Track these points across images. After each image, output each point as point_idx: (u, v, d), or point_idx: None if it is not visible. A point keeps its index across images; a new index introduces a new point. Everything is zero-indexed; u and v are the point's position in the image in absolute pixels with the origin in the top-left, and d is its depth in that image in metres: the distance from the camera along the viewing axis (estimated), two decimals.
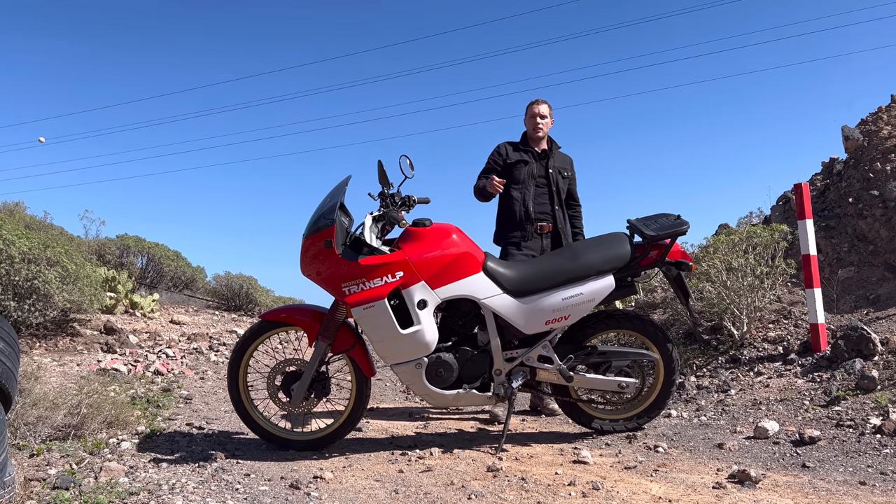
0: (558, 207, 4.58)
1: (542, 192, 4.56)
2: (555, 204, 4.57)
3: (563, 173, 4.65)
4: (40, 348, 6.24)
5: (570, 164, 4.76)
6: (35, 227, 9.77)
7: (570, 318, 3.51)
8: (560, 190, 4.60)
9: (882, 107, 6.21)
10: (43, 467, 2.97)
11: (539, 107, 4.60)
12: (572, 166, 4.76)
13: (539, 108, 4.59)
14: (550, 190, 4.57)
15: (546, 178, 4.57)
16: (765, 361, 4.69)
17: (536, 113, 4.58)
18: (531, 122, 4.60)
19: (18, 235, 6.44)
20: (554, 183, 4.58)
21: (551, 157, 4.62)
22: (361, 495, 2.75)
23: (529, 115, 4.62)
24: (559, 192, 4.59)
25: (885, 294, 5.01)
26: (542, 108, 4.60)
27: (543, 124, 4.58)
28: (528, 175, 4.54)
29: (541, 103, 4.62)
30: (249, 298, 11.40)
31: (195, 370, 6.17)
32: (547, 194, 4.57)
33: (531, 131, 4.61)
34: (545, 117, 4.59)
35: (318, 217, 3.41)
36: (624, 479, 2.94)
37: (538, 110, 4.58)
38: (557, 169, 4.61)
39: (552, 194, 4.57)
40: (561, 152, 4.72)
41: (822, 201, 6.17)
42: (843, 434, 3.43)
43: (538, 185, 4.56)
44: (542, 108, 4.59)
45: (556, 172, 4.60)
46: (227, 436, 3.82)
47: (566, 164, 4.72)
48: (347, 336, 3.49)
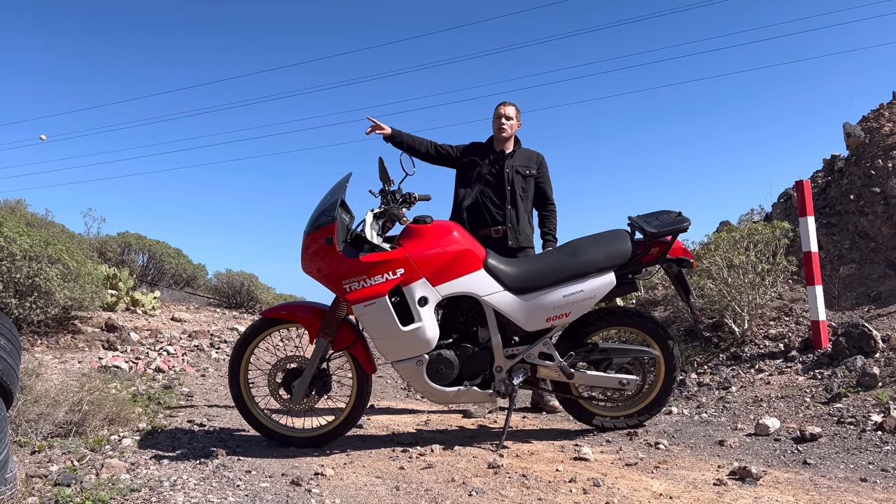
0: (511, 207, 4.45)
1: (495, 193, 4.46)
2: (507, 204, 4.45)
3: (525, 171, 4.52)
4: (41, 346, 6.25)
5: (538, 161, 4.62)
6: (36, 224, 9.77)
7: (570, 315, 3.51)
8: (516, 189, 4.48)
9: (884, 103, 6.20)
10: (44, 464, 2.97)
11: (505, 108, 4.53)
12: (541, 164, 4.62)
13: (505, 110, 4.52)
14: (503, 190, 4.46)
15: (499, 177, 4.47)
16: (766, 358, 4.69)
17: (502, 114, 4.50)
18: (496, 124, 4.52)
19: (20, 233, 6.45)
20: (509, 182, 4.46)
21: (510, 157, 4.52)
22: (362, 492, 2.75)
23: (495, 117, 4.53)
24: (514, 190, 4.47)
25: (887, 291, 5.01)
26: (509, 109, 4.53)
27: (508, 125, 4.49)
28: (476, 177, 4.48)
29: (507, 105, 4.55)
30: (250, 296, 11.40)
31: (196, 367, 6.17)
32: (500, 194, 4.46)
33: (496, 132, 4.52)
34: (511, 118, 4.50)
35: (318, 214, 3.40)
36: (625, 475, 2.94)
37: (504, 111, 4.51)
38: (516, 168, 4.50)
39: (504, 194, 4.45)
40: (526, 150, 4.61)
41: (824, 198, 6.16)
42: (845, 431, 3.43)
43: (489, 185, 4.47)
44: (508, 110, 4.52)
45: (514, 171, 4.49)
46: (228, 433, 3.83)
47: (530, 161, 4.59)
48: (348, 333, 3.49)
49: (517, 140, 4.61)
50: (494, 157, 4.52)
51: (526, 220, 4.54)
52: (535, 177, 4.58)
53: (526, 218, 4.54)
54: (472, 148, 4.60)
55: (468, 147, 4.61)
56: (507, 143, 4.55)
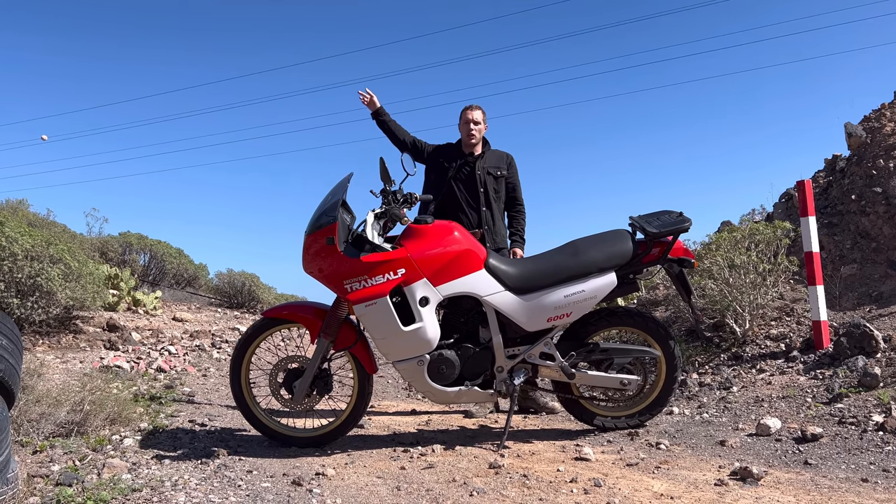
0: (485, 209, 4.45)
1: (467, 194, 4.46)
2: (482, 206, 4.45)
3: (496, 172, 4.52)
4: (43, 345, 6.26)
5: (508, 161, 4.62)
6: (38, 224, 9.78)
7: (572, 316, 3.51)
8: (489, 190, 4.48)
9: (885, 104, 6.20)
10: (46, 464, 2.98)
11: (473, 113, 4.50)
12: (510, 164, 4.63)
13: (473, 115, 4.49)
14: (476, 191, 4.46)
15: (471, 179, 4.47)
16: (767, 359, 4.69)
17: (470, 119, 4.48)
18: (465, 129, 4.50)
19: (21, 233, 6.46)
20: (482, 184, 4.46)
21: (480, 159, 4.51)
22: (363, 492, 2.76)
23: (463, 122, 4.51)
24: (487, 192, 4.47)
25: (888, 291, 5.00)
26: (476, 113, 4.50)
27: (477, 130, 4.48)
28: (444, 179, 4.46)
29: (475, 109, 4.52)
30: (252, 296, 11.41)
31: (197, 367, 6.18)
32: (472, 196, 4.46)
33: (465, 137, 4.51)
34: (479, 123, 4.48)
35: (319, 214, 3.41)
36: (626, 476, 2.94)
37: (471, 116, 4.48)
38: (487, 169, 4.50)
39: (478, 195, 4.46)
40: (496, 151, 4.61)
41: (825, 198, 6.15)
42: (846, 431, 3.42)
43: (460, 187, 4.46)
44: (475, 115, 4.49)
45: (485, 173, 4.48)
46: (229, 432, 3.83)
47: (501, 161, 4.59)
48: (349, 333, 3.49)
49: (486, 141, 4.60)
50: (464, 160, 4.52)
51: (501, 221, 4.57)
52: (506, 177, 4.59)
53: (500, 218, 4.57)
54: (442, 150, 4.60)
55: (438, 148, 4.61)
56: (476, 146, 4.55)
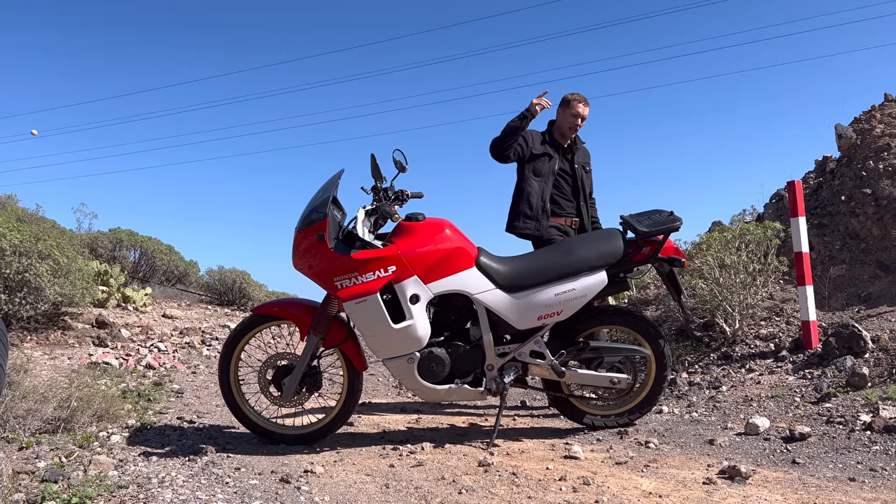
0: (583, 203, 4.48)
1: (567, 188, 4.46)
2: (580, 200, 4.48)
3: (586, 167, 4.57)
4: (31, 341, 6.21)
5: (590, 158, 4.68)
6: (27, 220, 9.71)
7: (562, 314, 3.51)
8: (584, 185, 4.51)
9: (875, 105, 6.23)
10: (32, 460, 2.95)
11: (584, 108, 4.41)
12: (591, 161, 4.68)
13: (584, 111, 4.41)
14: (576, 185, 4.47)
15: (572, 174, 4.47)
16: (756, 358, 4.70)
17: (579, 114, 4.39)
18: (570, 121, 4.41)
19: (10, 228, 6.41)
20: (579, 178, 4.48)
21: (576, 152, 4.51)
22: (352, 489, 2.75)
23: (571, 114, 4.40)
24: (584, 187, 4.50)
25: (877, 292, 5.03)
26: (587, 110, 4.42)
27: (580, 125, 4.44)
28: (549, 170, 4.40)
29: (586, 105, 4.43)
30: (242, 293, 11.36)
31: (187, 364, 6.14)
32: (571, 190, 4.48)
33: (566, 129, 4.44)
34: (584, 119, 4.43)
35: (310, 211, 3.39)
36: (615, 474, 2.94)
37: (581, 111, 4.40)
38: (581, 164, 4.52)
39: (577, 190, 4.48)
40: (584, 147, 4.63)
41: (816, 199, 6.18)
42: (834, 431, 3.44)
43: (562, 181, 4.44)
44: (586, 111, 4.42)
45: (581, 168, 4.51)
46: (218, 430, 3.81)
47: (587, 157, 4.64)
48: (339, 330, 3.47)
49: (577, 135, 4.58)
50: (563, 152, 4.49)
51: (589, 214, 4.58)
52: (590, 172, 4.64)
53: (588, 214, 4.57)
54: (539, 140, 4.45)
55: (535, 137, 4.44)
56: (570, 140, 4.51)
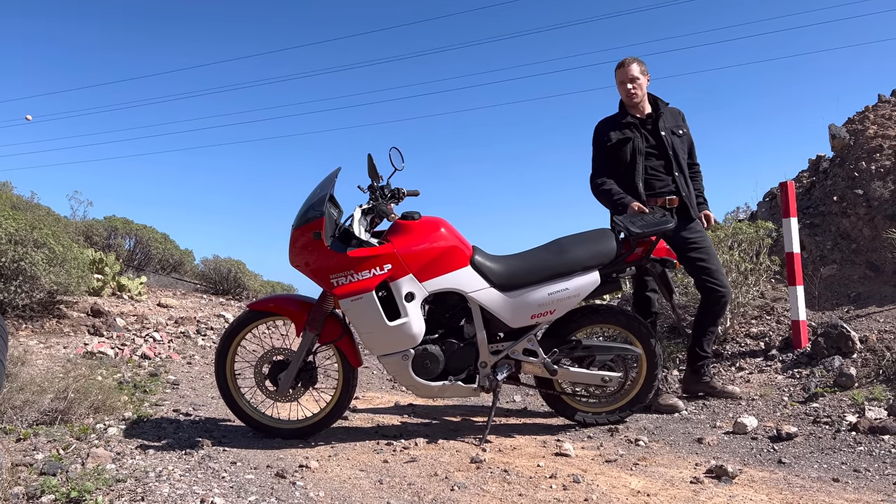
0: (678, 174, 4.03)
1: (658, 164, 4.04)
2: (674, 171, 4.03)
3: (678, 132, 4.11)
4: (26, 330, 6.23)
5: (683, 118, 4.22)
6: (22, 207, 9.70)
7: (555, 313, 3.56)
8: (677, 153, 4.05)
9: (869, 106, 6.27)
10: (30, 452, 2.99)
11: (627, 70, 4.01)
12: (685, 120, 4.22)
13: (628, 72, 4.00)
14: (667, 156, 4.03)
15: (659, 145, 4.04)
16: (746, 357, 4.77)
17: (625, 79, 4.02)
18: (623, 90, 4.06)
19: (5, 216, 6.42)
20: (670, 147, 4.03)
21: (661, 118, 4.07)
22: (346, 485, 2.79)
23: (619, 82, 4.06)
24: (676, 155, 4.04)
25: (866, 292, 5.09)
26: (632, 69, 4.00)
27: (637, 87, 4.02)
28: (633, 152, 4.01)
29: (628, 64, 4.02)
30: (237, 282, 11.39)
31: (182, 354, 6.18)
32: (663, 164, 4.04)
33: (626, 99, 4.08)
34: (637, 79, 4.01)
35: (307, 208, 3.42)
36: (604, 472, 3.00)
37: (627, 75, 4.01)
38: (670, 129, 4.07)
39: (669, 161, 4.03)
40: (670, 108, 4.16)
41: (808, 198, 6.23)
42: (820, 431, 3.50)
43: (651, 157, 4.03)
44: (631, 71, 4.00)
45: (670, 133, 4.05)
46: (213, 422, 3.85)
47: (678, 119, 4.18)
48: (335, 327, 3.52)
49: (654, 97, 4.12)
50: (641, 124, 4.06)
51: (691, 186, 4.15)
52: (687, 136, 4.20)
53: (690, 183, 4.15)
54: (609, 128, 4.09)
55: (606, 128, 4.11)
56: (645, 105, 4.10)
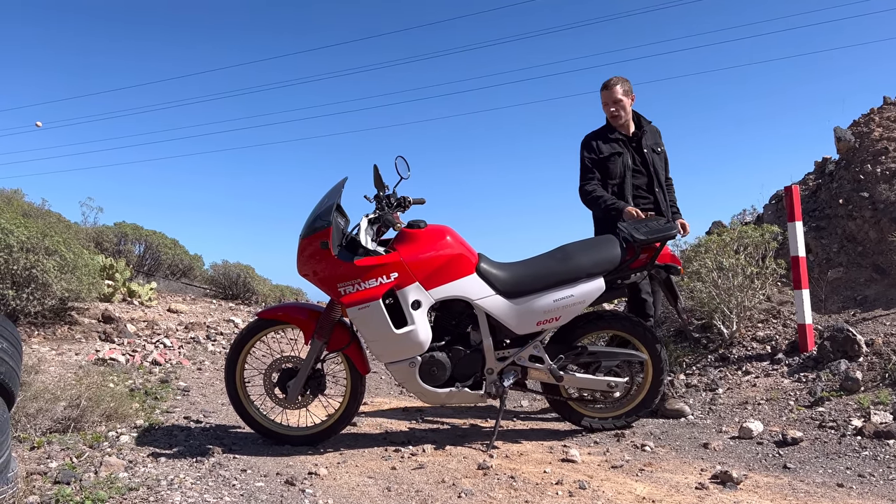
0: (658, 190, 4.24)
1: (641, 181, 4.24)
2: (654, 187, 4.23)
3: (657, 149, 4.32)
4: (38, 337, 6.31)
5: (660, 135, 4.42)
6: (33, 214, 9.80)
7: (560, 319, 3.59)
8: (657, 171, 4.25)
9: (874, 108, 6.27)
10: (44, 460, 3.04)
11: (611, 92, 4.17)
12: (661, 137, 4.42)
13: (612, 94, 4.16)
14: (649, 173, 4.22)
15: (643, 163, 4.23)
16: (753, 360, 4.78)
17: (608, 101, 4.19)
18: (607, 111, 4.24)
19: (17, 224, 6.50)
20: (651, 164, 4.23)
21: (644, 136, 4.25)
22: (355, 492, 2.83)
23: (603, 103, 4.24)
24: (657, 172, 4.25)
25: (873, 295, 5.09)
26: (615, 91, 4.16)
27: (620, 108, 4.18)
28: (623, 167, 4.18)
29: (612, 86, 4.17)
30: (247, 287, 11.46)
31: (192, 360, 6.24)
32: (646, 181, 4.24)
33: (611, 119, 4.25)
34: (620, 101, 4.16)
35: (314, 218, 3.47)
36: (610, 478, 3.02)
37: (610, 97, 4.18)
38: (651, 147, 4.27)
39: (651, 178, 4.23)
40: (650, 125, 4.36)
41: (814, 201, 6.23)
42: (825, 435, 3.52)
43: (636, 175, 4.22)
44: (615, 93, 4.16)
45: (651, 151, 4.25)
46: (224, 429, 3.90)
47: (657, 137, 4.38)
48: (343, 335, 3.56)
49: (638, 115, 4.31)
50: (627, 141, 4.24)
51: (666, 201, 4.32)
52: (662, 153, 4.39)
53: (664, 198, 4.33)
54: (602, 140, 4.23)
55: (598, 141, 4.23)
56: (630, 124, 4.27)
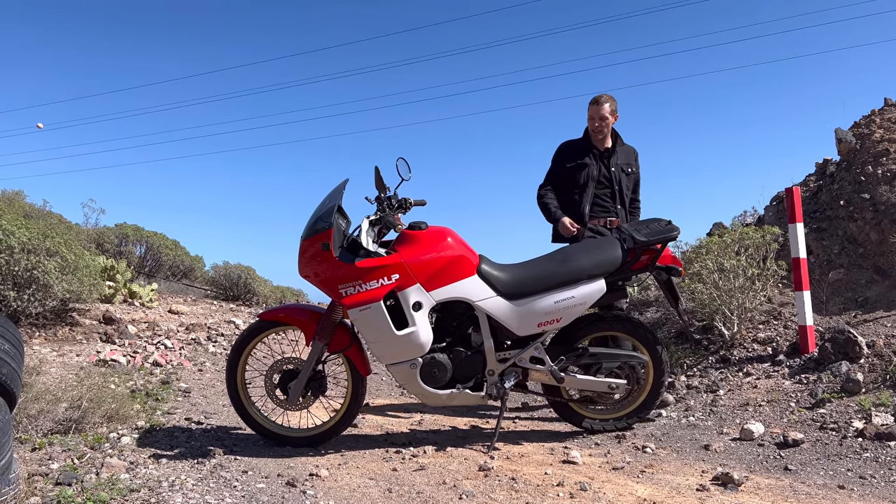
0: (620, 207, 4.45)
1: (605, 193, 4.44)
2: (617, 203, 4.44)
3: (628, 170, 4.50)
4: (40, 338, 6.31)
5: (635, 157, 4.60)
6: (34, 215, 9.80)
7: (561, 321, 3.59)
8: (623, 188, 4.47)
9: (875, 110, 6.27)
10: (45, 462, 3.04)
11: (600, 109, 4.38)
12: (636, 159, 4.61)
13: (600, 111, 4.37)
14: (613, 190, 4.44)
15: (609, 178, 4.44)
16: (754, 362, 4.78)
17: (596, 116, 4.39)
18: (590, 124, 4.45)
19: (18, 226, 6.50)
20: (617, 182, 4.44)
21: (615, 154, 4.47)
22: (356, 494, 2.83)
23: (590, 117, 4.43)
24: (622, 190, 4.46)
25: (874, 297, 5.09)
26: (604, 109, 4.37)
27: (605, 125, 4.40)
28: (587, 178, 4.40)
29: (602, 103, 4.39)
30: (248, 288, 11.45)
31: (193, 361, 6.24)
32: (610, 195, 4.44)
33: (593, 133, 4.46)
34: (606, 118, 4.38)
35: (315, 220, 3.47)
36: (611, 480, 3.02)
37: (598, 112, 4.38)
38: (621, 166, 4.47)
39: (615, 193, 4.44)
40: (625, 146, 4.56)
41: (815, 202, 6.23)
42: (826, 437, 3.51)
43: (600, 186, 4.43)
44: (603, 110, 4.37)
45: (619, 170, 4.45)
46: (225, 431, 3.90)
47: (630, 158, 4.56)
48: (344, 336, 3.56)
49: (616, 134, 4.51)
50: (599, 156, 4.45)
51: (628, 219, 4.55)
52: (634, 175, 4.57)
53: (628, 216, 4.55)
54: (571, 152, 4.49)
55: (565, 153, 4.52)
56: (607, 140, 4.48)
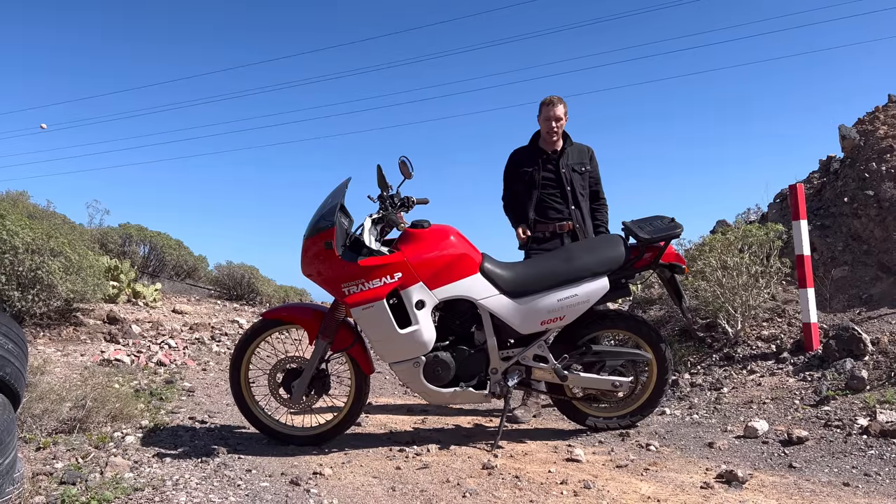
0: (574, 207, 4.38)
1: (554, 195, 4.39)
2: (570, 205, 4.38)
3: (580, 169, 4.43)
4: (44, 338, 6.33)
5: (589, 154, 4.53)
6: (38, 216, 9.81)
7: (565, 319, 3.58)
8: (575, 188, 4.40)
9: (879, 106, 6.24)
10: (49, 461, 3.05)
11: (554, 109, 4.35)
12: (591, 158, 4.53)
13: (554, 111, 4.34)
14: (564, 191, 4.38)
15: (557, 179, 4.39)
16: (758, 359, 4.77)
17: (551, 116, 4.35)
18: (546, 125, 4.39)
19: (22, 226, 6.52)
20: (568, 182, 4.38)
21: (564, 155, 4.42)
22: (359, 492, 2.83)
23: (544, 118, 4.39)
24: (574, 190, 4.39)
25: (878, 294, 5.08)
26: (558, 110, 4.34)
27: (558, 126, 4.37)
28: (530, 183, 4.39)
29: (556, 105, 4.36)
30: (251, 288, 11.48)
31: (197, 361, 6.26)
32: (560, 196, 4.39)
33: (545, 134, 4.42)
34: (560, 119, 4.35)
35: (318, 218, 3.47)
36: (615, 477, 3.02)
37: (553, 113, 4.35)
38: (571, 166, 4.41)
39: (566, 195, 4.38)
40: (577, 145, 4.50)
41: (819, 199, 6.21)
42: (831, 434, 3.51)
43: (550, 188, 4.38)
44: (557, 111, 4.34)
45: (570, 171, 4.40)
46: (228, 430, 3.91)
47: (583, 156, 4.49)
48: (347, 335, 3.56)
49: (566, 136, 4.48)
50: (546, 159, 4.43)
51: (589, 217, 4.49)
52: (589, 172, 4.51)
53: (589, 215, 4.49)
54: (519, 160, 4.50)
55: (514, 161, 4.53)
56: (559, 143, 4.44)
